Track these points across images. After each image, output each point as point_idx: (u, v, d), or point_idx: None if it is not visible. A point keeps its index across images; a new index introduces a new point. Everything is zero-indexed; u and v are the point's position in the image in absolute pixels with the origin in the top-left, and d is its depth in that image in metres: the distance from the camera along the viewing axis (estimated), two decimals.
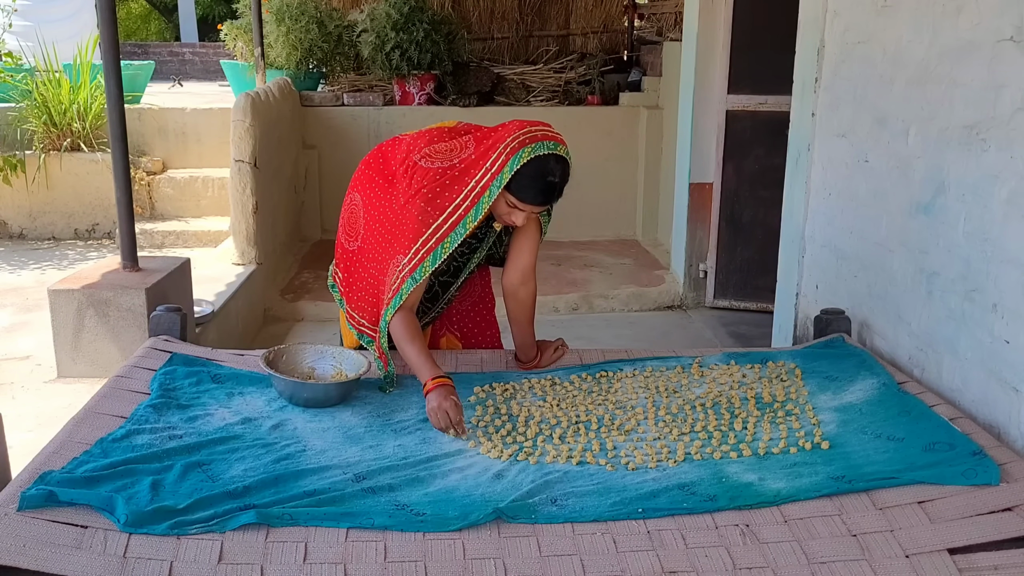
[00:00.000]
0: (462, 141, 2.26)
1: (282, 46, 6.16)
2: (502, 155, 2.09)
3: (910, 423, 2.01)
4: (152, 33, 18.18)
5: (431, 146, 2.28)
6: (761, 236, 4.60)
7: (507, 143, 2.10)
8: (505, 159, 2.08)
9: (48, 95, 6.12)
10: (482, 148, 2.18)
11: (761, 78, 4.51)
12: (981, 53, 2.12)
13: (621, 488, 1.79)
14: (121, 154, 3.45)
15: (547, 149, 2.09)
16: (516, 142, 2.09)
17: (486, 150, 2.16)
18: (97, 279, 3.50)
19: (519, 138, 2.10)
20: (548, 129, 2.16)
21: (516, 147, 2.08)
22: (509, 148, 2.09)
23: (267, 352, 2.26)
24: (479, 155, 2.17)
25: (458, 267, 2.44)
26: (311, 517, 1.64)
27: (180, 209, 6.39)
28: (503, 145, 2.11)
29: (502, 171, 2.09)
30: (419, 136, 2.36)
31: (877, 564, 1.56)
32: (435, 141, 2.30)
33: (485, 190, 2.11)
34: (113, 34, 3.37)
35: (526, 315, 2.44)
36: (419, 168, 2.24)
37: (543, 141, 2.10)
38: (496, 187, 2.10)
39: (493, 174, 2.10)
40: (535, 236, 2.37)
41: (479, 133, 2.27)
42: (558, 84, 6.43)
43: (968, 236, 2.17)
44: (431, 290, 2.46)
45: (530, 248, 2.38)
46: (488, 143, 2.18)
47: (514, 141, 2.09)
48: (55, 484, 1.64)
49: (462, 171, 2.18)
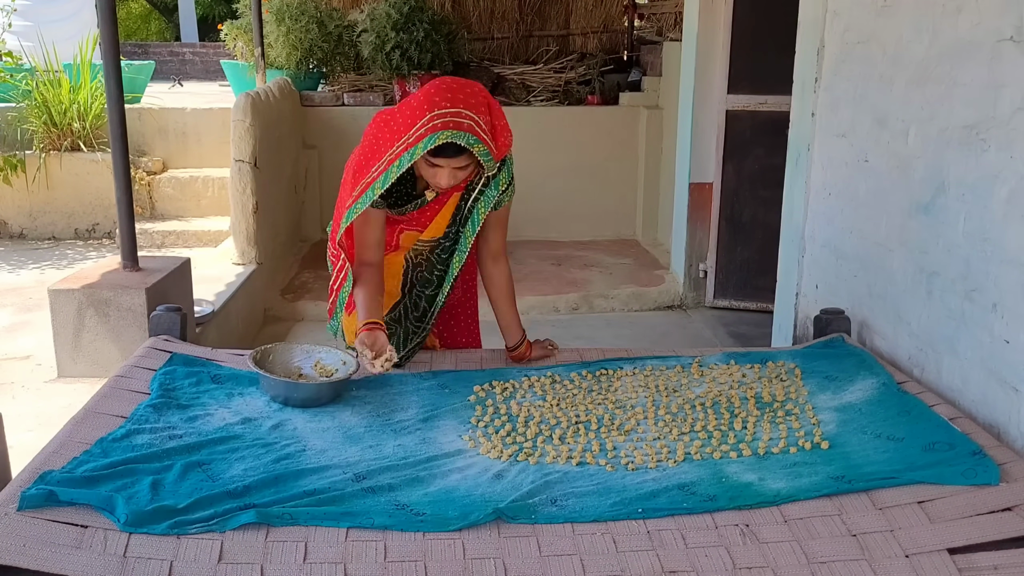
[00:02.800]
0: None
1: (282, 46, 6.17)
2: (422, 128, 2.03)
3: (910, 423, 2.01)
4: (152, 33, 18.19)
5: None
6: (761, 236, 4.61)
7: (430, 117, 2.03)
8: (423, 135, 2.03)
9: (48, 95, 6.12)
10: (405, 109, 2.12)
11: (761, 78, 4.52)
12: (981, 53, 2.12)
13: (621, 488, 1.79)
14: (121, 154, 3.46)
15: (465, 141, 2.03)
16: (440, 121, 2.02)
17: (410, 113, 2.09)
18: (97, 279, 3.50)
19: (443, 118, 2.02)
20: (473, 117, 2.05)
21: (438, 127, 2.01)
22: (430, 125, 2.02)
23: (254, 352, 2.25)
24: (403, 116, 2.12)
25: (440, 276, 2.42)
26: (311, 517, 1.64)
27: (180, 209, 6.40)
28: (426, 118, 2.04)
29: (416, 145, 2.04)
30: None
31: (877, 564, 1.56)
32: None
33: (397, 158, 2.09)
34: (113, 34, 3.37)
35: (504, 293, 2.45)
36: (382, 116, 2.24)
37: (465, 133, 2.02)
38: (407, 159, 2.07)
39: (409, 144, 2.06)
40: (502, 223, 2.39)
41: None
42: (558, 84, 6.43)
43: (968, 236, 2.17)
44: (418, 307, 2.45)
45: (497, 234, 2.40)
46: (411, 104, 2.11)
47: (437, 119, 2.02)
48: (55, 484, 1.64)
49: (391, 130, 2.14)
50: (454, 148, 2.05)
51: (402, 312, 2.46)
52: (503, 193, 2.29)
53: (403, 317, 2.47)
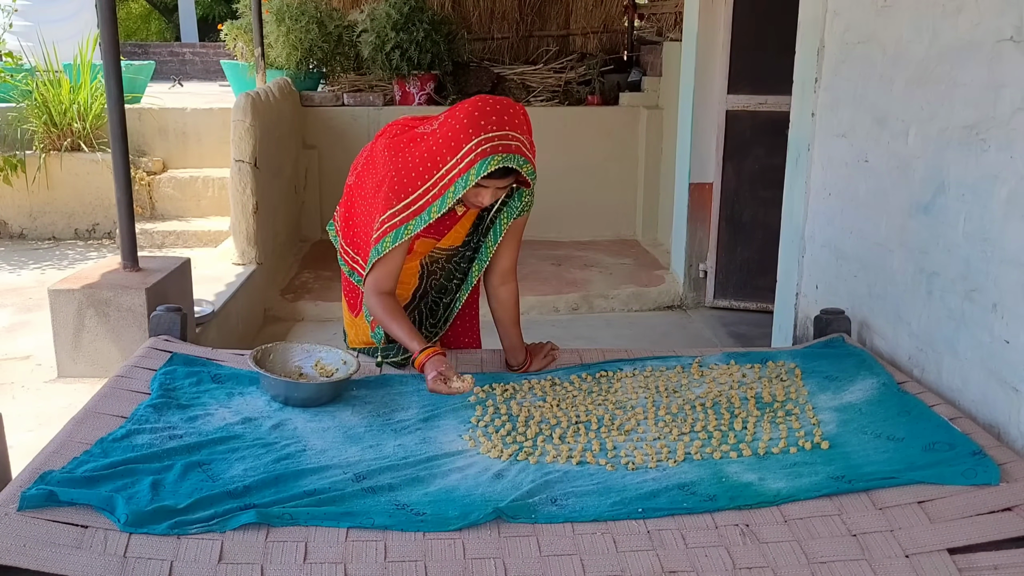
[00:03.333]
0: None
1: (282, 46, 6.17)
2: (472, 153, 2.05)
3: (910, 423, 2.01)
4: (152, 33, 18.18)
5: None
6: (761, 236, 4.61)
7: (478, 141, 2.05)
8: (474, 160, 2.04)
9: (48, 95, 6.12)
10: (447, 130, 2.13)
11: (761, 78, 4.52)
12: (981, 53, 2.12)
13: (621, 488, 1.79)
14: (121, 154, 3.46)
15: (516, 164, 2.04)
16: (489, 146, 2.03)
17: (453, 135, 2.10)
18: (97, 279, 3.50)
19: (492, 141, 2.04)
20: (519, 138, 2.08)
21: (488, 151, 2.03)
22: (480, 150, 2.04)
23: (254, 351, 2.25)
24: (444, 138, 2.13)
25: (459, 283, 2.44)
26: (311, 517, 1.64)
27: (180, 209, 6.40)
28: (474, 142, 2.05)
29: (468, 171, 2.05)
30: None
31: (877, 564, 1.56)
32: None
33: (450, 185, 2.10)
34: (113, 34, 3.37)
35: (509, 316, 2.44)
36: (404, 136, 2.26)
37: (515, 155, 2.04)
38: (461, 185, 2.07)
39: (460, 171, 2.07)
40: (516, 238, 2.38)
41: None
42: (558, 84, 6.43)
43: (968, 236, 2.17)
44: (435, 313, 2.46)
45: (510, 250, 2.38)
46: (453, 126, 2.12)
47: (486, 143, 2.04)
48: (55, 484, 1.64)
49: (431, 152, 2.15)
50: (503, 170, 2.06)
51: (416, 317, 2.47)
52: (525, 202, 2.30)
53: (418, 322, 2.47)
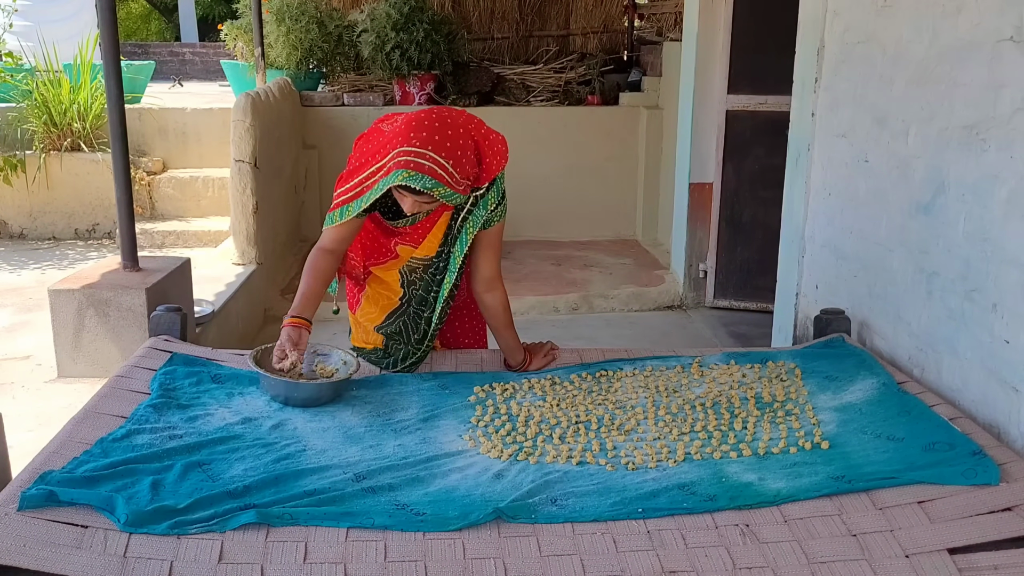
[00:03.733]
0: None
1: (282, 46, 6.17)
2: (391, 161, 2.07)
3: (910, 423, 2.01)
4: (152, 33, 18.19)
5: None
6: (761, 236, 4.60)
7: (396, 152, 2.06)
8: (389, 169, 2.07)
9: (48, 95, 6.12)
10: (393, 130, 2.17)
11: (761, 78, 4.52)
12: (981, 53, 2.12)
13: (621, 488, 1.79)
14: (121, 154, 3.46)
15: (419, 184, 2.02)
16: (403, 159, 2.04)
17: (391, 137, 2.13)
18: (97, 279, 3.50)
19: (408, 155, 2.04)
20: (437, 160, 2.05)
21: (401, 164, 2.04)
22: (394, 161, 2.06)
23: (254, 351, 2.25)
24: (388, 137, 2.16)
25: (435, 296, 2.39)
26: (311, 517, 1.64)
27: (180, 209, 6.40)
28: (395, 152, 2.07)
29: (385, 178, 2.08)
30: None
31: (877, 564, 1.56)
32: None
33: (373, 185, 2.14)
34: (113, 34, 3.37)
35: (500, 321, 2.42)
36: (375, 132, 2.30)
37: (423, 175, 2.03)
38: (379, 188, 2.11)
39: (382, 175, 2.11)
40: (493, 245, 2.34)
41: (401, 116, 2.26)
42: (558, 84, 6.43)
43: (968, 236, 2.17)
44: (418, 329, 2.42)
45: (488, 258, 2.34)
46: (396, 129, 2.15)
47: (402, 156, 2.05)
48: (55, 484, 1.64)
49: (378, 146, 2.19)
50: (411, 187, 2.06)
51: (402, 328, 2.43)
52: (492, 212, 2.27)
53: (404, 337, 2.43)
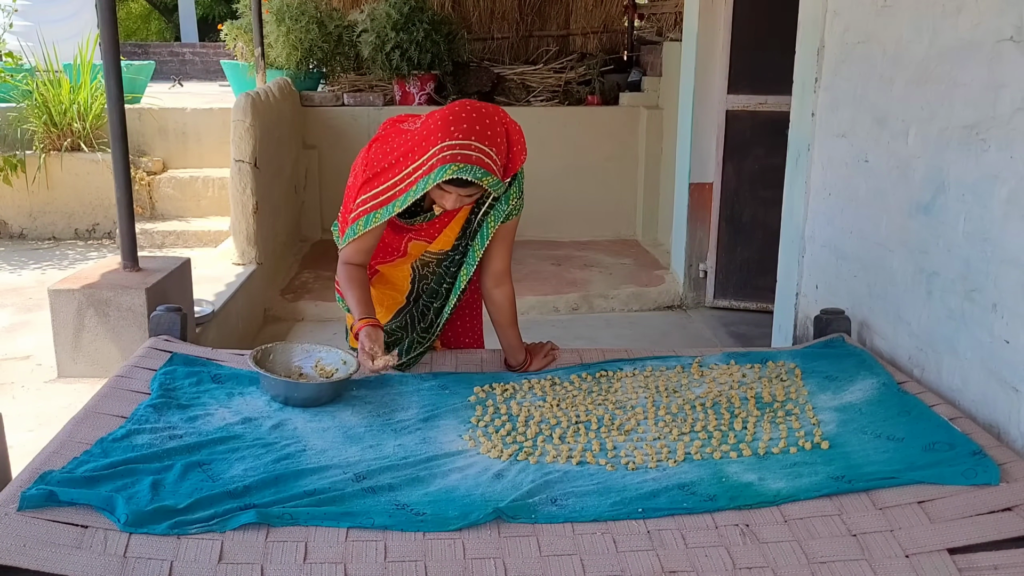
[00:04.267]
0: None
1: (282, 46, 6.17)
2: (434, 157, 2.06)
3: (910, 423, 2.01)
4: (152, 33, 18.19)
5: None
6: (761, 236, 4.61)
7: (441, 147, 2.05)
8: (434, 165, 2.05)
9: (48, 95, 6.12)
10: (423, 129, 2.14)
11: (761, 78, 4.52)
12: (981, 53, 2.12)
13: (621, 488, 1.79)
14: (121, 154, 3.46)
15: (472, 175, 2.02)
16: (449, 153, 2.03)
17: (427, 135, 2.11)
18: (97, 279, 3.50)
19: (453, 149, 2.03)
20: (483, 149, 2.05)
21: (447, 159, 2.03)
22: (441, 156, 2.04)
23: (255, 351, 2.25)
24: (420, 136, 2.14)
25: (449, 287, 2.42)
26: (311, 517, 1.64)
27: (180, 209, 6.40)
28: (438, 147, 2.05)
29: (428, 174, 2.06)
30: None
31: (877, 564, 1.56)
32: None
33: (413, 184, 2.11)
34: (113, 34, 3.37)
35: (506, 317, 2.43)
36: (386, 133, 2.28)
37: (473, 166, 2.03)
38: (422, 187, 2.08)
39: (423, 172, 2.08)
40: (507, 240, 2.37)
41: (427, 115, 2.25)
42: (558, 84, 6.43)
43: (968, 236, 2.17)
44: (425, 318, 2.45)
45: (502, 252, 2.37)
46: (429, 126, 2.13)
47: (447, 150, 2.04)
48: (55, 484, 1.64)
49: (407, 148, 2.16)
50: (461, 180, 2.06)
51: (408, 321, 2.46)
52: (512, 206, 2.29)
53: (410, 327, 2.46)
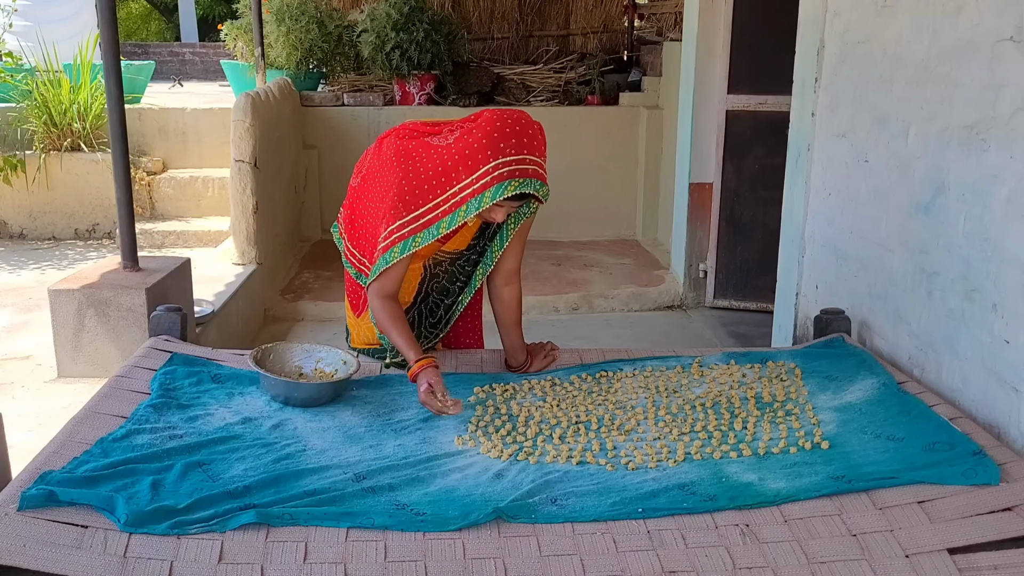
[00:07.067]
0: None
1: (282, 46, 6.17)
2: (488, 175, 2.05)
3: (910, 423, 2.01)
4: (152, 33, 18.19)
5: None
6: (761, 236, 4.60)
7: (496, 164, 2.05)
8: (490, 183, 2.05)
9: (48, 95, 6.12)
10: (464, 147, 2.12)
11: (761, 78, 4.51)
12: (981, 53, 2.12)
13: (621, 488, 1.79)
14: (121, 154, 3.46)
15: (532, 189, 2.05)
16: (507, 170, 2.04)
17: (471, 153, 2.10)
18: (97, 279, 3.50)
19: (510, 166, 2.05)
20: (536, 161, 2.09)
21: (505, 175, 2.04)
22: (498, 173, 2.04)
23: (255, 351, 2.25)
24: (461, 155, 2.12)
25: (462, 286, 2.44)
26: (311, 517, 1.64)
27: (180, 209, 6.39)
28: (492, 164, 2.05)
29: (483, 192, 2.06)
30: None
31: (877, 564, 1.56)
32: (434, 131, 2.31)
33: (463, 203, 2.10)
34: (113, 34, 3.37)
35: (511, 317, 2.44)
36: (411, 144, 2.24)
37: (532, 179, 2.05)
38: (475, 206, 2.08)
39: (475, 191, 2.07)
40: (522, 239, 2.38)
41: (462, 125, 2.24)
42: (558, 84, 6.43)
43: (968, 236, 2.17)
44: (435, 314, 2.46)
45: (515, 251, 2.38)
46: (471, 144, 2.11)
47: (504, 167, 2.04)
48: (55, 484, 1.64)
49: (446, 167, 2.14)
50: (520, 194, 2.07)
51: (415, 318, 2.47)
52: (531, 207, 2.30)
53: (416, 323, 2.47)
